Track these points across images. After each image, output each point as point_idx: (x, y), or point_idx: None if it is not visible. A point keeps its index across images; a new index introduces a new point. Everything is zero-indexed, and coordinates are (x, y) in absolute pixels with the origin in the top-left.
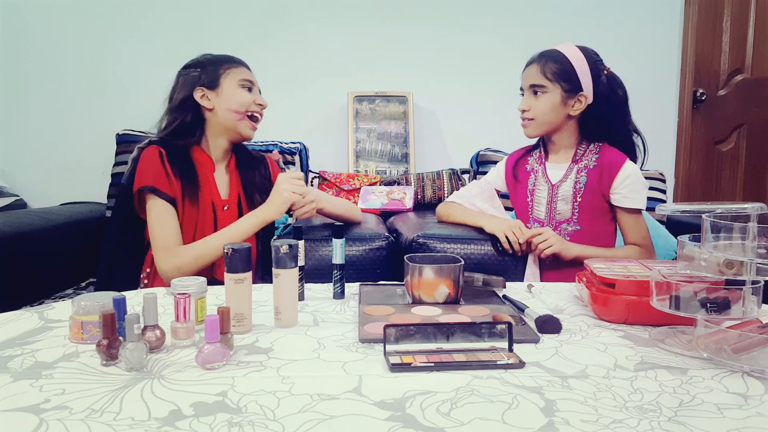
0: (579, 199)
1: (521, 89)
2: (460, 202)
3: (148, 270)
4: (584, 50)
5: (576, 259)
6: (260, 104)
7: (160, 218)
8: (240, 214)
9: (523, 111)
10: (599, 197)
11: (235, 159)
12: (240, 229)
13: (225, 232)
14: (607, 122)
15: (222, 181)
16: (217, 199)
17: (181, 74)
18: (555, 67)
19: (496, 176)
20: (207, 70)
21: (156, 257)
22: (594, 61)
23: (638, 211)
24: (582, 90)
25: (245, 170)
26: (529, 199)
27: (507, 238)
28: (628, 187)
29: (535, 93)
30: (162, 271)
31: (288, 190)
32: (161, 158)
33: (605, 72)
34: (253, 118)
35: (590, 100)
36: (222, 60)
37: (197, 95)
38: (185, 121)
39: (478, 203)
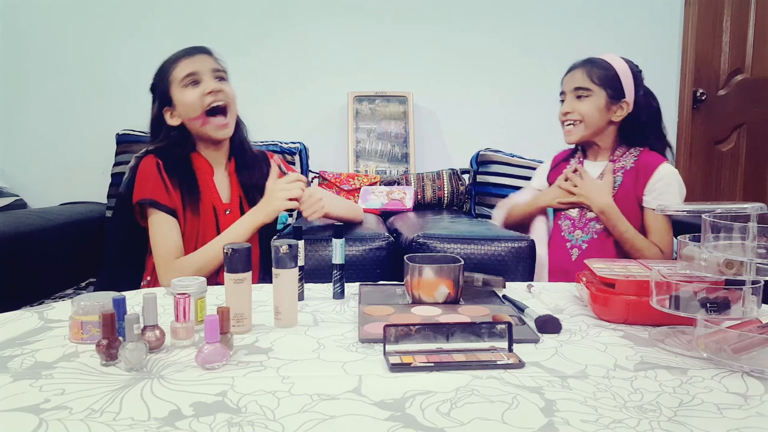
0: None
1: (562, 93)
2: (515, 201)
3: (148, 278)
4: (628, 62)
5: (600, 212)
6: (211, 92)
7: (161, 231)
8: None
9: (566, 114)
10: (633, 201)
11: (235, 161)
12: (233, 234)
13: (222, 239)
14: (645, 132)
15: (222, 184)
16: (219, 204)
17: (152, 93)
18: (601, 72)
19: (542, 175)
20: (159, 89)
21: (158, 270)
22: (636, 72)
23: (668, 217)
24: (625, 97)
25: (245, 172)
26: None
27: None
28: (662, 188)
29: (579, 97)
30: (164, 285)
31: (282, 198)
32: (159, 169)
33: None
34: (214, 112)
35: (631, 108)
36: (167, 67)
37: (167, 117)
38: (171, 136)
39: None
